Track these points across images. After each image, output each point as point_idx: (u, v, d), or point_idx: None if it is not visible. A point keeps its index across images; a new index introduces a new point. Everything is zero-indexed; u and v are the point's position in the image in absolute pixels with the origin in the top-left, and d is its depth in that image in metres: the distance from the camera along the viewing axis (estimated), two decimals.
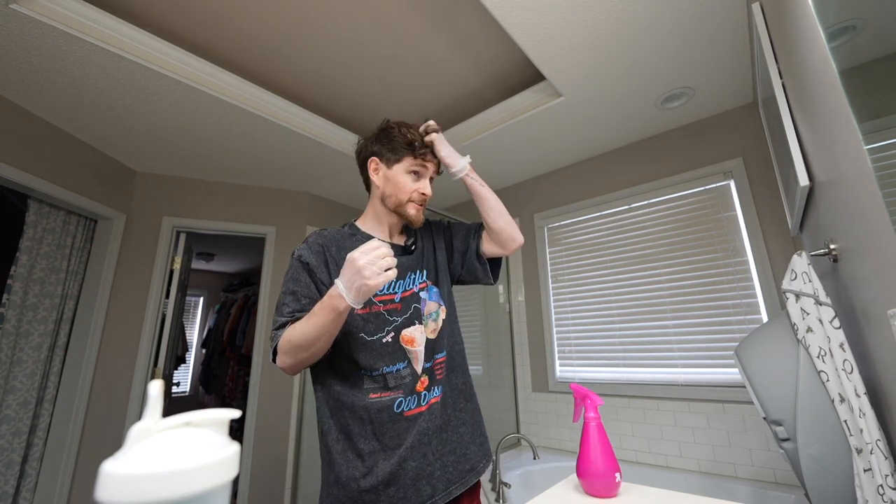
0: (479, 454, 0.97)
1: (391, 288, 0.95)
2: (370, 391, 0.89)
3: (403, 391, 0.89)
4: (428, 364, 0.94)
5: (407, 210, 0.98)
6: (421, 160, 0.98)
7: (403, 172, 0.98)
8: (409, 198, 0.97)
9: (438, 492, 0.87)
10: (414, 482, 0.86)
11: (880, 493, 0.65)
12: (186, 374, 4.90)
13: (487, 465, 0.99)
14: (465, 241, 1.09)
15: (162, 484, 0.23)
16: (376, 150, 1.00)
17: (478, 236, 1.08)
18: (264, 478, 2.35)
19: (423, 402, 0.91)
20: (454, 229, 1.12)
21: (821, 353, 0.77)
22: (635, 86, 1.77)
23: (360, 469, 0.86)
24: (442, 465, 0.89)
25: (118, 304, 2.22)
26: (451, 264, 1.10)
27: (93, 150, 2.13)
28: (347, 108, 2.08)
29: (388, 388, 0.89)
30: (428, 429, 0.90)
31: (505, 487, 1.78)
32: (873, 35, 0.59)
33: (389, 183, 0.98)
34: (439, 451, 0.90)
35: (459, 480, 0.91)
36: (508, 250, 1.07)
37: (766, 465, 1.62)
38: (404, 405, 0.89)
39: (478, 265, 1.08)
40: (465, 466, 0.93)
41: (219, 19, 1.53)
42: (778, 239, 1.75)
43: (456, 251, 1.10)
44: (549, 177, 2.61)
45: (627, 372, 2.07)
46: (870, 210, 0.63)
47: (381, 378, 0.89)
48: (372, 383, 0.89)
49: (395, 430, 0.88)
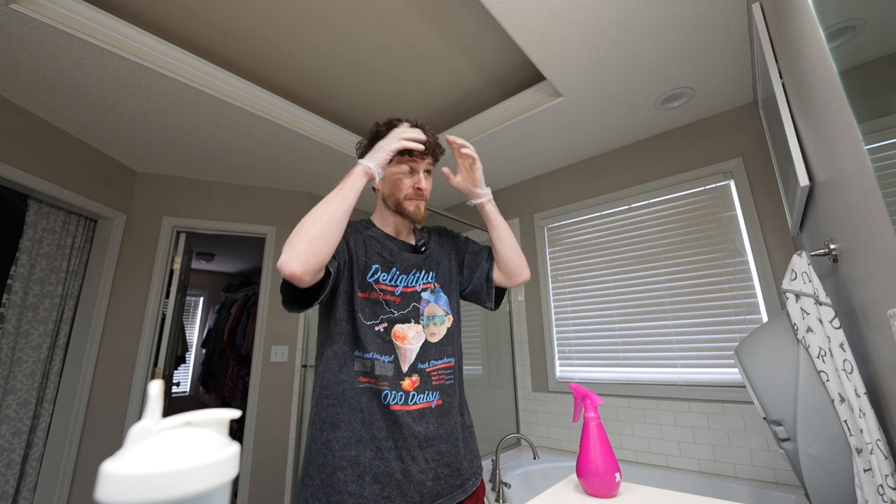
0: (470, 471, 0.95)
1: (394, 280, 0.96)
2: (360, 374, 0.89)
3: (388, 384, 0.89)
4: (423, 366, 0.93)
5: (406, 207, 0.98)
6: (408, 155, 0.97)
7: (396, 170, 0.98)
8: (405, 194, 0.98)
9: (426, 502, 0.85)
10: (400, 485, 0.84)
11: (880, 493, 0.65)
12: (186, 374, 4.90)
13: (476, 483, 0.96)
14: (477, 259, 1.11)
15: (162, 484, 0.23)
16: None
17: (491, 259, 1.09)
18: (264, 478, 2.35)
19: (410, 401, 0.89)
20: (469, 246, 1.14)
21: (821, 353, 0.77)
22: (635, 86, 1.77)
23: (347, 458, 0.84)
24: (435, 476, 0.88)
25: (118, 304, 2.23)
26: (459, 277, 1.10)
27: (93, 150, 2.13)
28: (347, 107, 2.08)
29: (374, 376, 0.89)
30: (420, 433, 0.88)
31: (505, 487, 1.78)
32: (873, 35, 0.59)
33: (386, 184, 1.00)
34: (435, 462, 0.88)
35: (448, 495, 0.88)
36: (513, 283, 1.08)
37: (766, 465, 1.62)
38: (390, 398, 0.88)
39: (484, 287, 1.08)
40: (455, 482, 0.91)
41: (219, 19, 1.53)
42: (778, 239, 1.75)
43: (466, 267, 1.11)
44: (549, 177, 2.61)
45: (627, 372, 2.07)
46: (870, 210, 0.63)
47: (370, 363, 0.89)
48: (361, 366, 0.89)
49: (383, 422, 0.87)
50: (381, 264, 0.96)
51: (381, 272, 0.95)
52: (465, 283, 1.10)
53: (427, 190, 1.00)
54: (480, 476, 0.99)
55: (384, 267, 0.96)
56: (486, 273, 1.08)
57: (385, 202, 1.02)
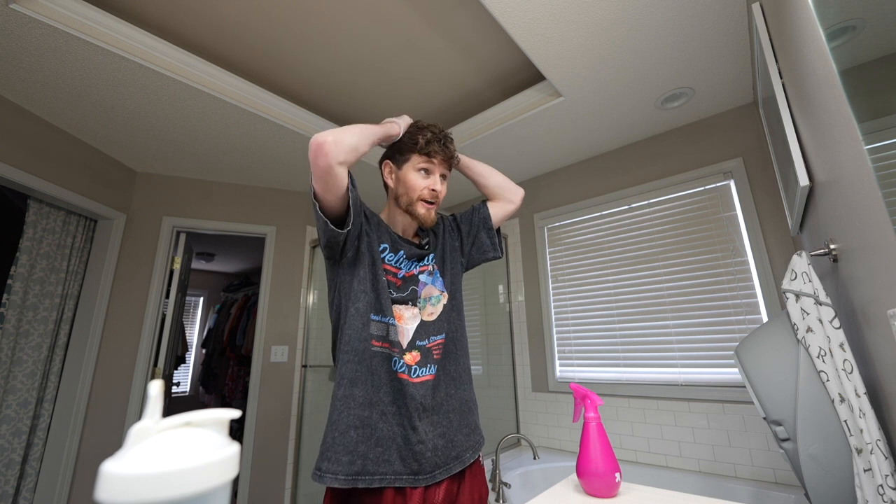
0: (466, 444, 0.98)
1: (398, 263, 1.01)
2: (373, 337, 0.93)
3: (398, 350, 0.94)
4: (423, 342, 0.98)
5: (417, 209, 1.02)
6: (426, 157, 1.02)
7: (412, 171, 1.02)
8: (418, 195, 1.01)
9: (424, 472, 0.89)
10: (400, 450, 0.88)
11: (880, 493, 0.65)
12: (186, 374, 4.90)
13: (473, 456, 0.99)
14: (470, 216, 1.18)
15: (162, 484, 0.23)
16: (388, 153, 1.07)
17: (483, 208, 1.17)
18: (264, 478, 2.35)
19: (413, 374, 0.94)
20: (461, 215, 1.20)
21: (821, 353, 0.77)
22: (635, 85, 1.77)
23: (360, 417, 0.88)
24: (433, 447, 0.91)
25: (118, 304, 2.23)
26: (462, 246, 1.15)
27: (93, 149, 2.13)
28: (347, 107, 2.08)
29: (389, 341, 0.93)
30: (422, 405, 0.92)
31: (505, 487, 1.78)
32: (873, 35, 0.59)
33: (401, 183, 1.03)
34: (432, 433, 0.92)
35: (444, 465, 0.92)
36: (516, 201, 1.18)
37: (766, 465, 1.62)
38: (398, 366, 0.92)
39: (485, 238, 1.15)
40: (451, 453, 0.94)
41: (219, 19, 1.53)
42: (778, 239, 1.75)
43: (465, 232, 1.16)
44: (549, 177, 2.61)
45: (627, 372, 2.07)
46: (870, 210, 0.63)
47: (386, 327, 0.94)
48: (377, 329, 0.93)
49: (389, 387, 0.91)
50: (390, 245, 1.01)
51: (389, 252, 1.01)
52: (468, 247, 1.16)
53: (441, 193, 1.04)
54: (479, 450, 1.02)
55: (392, 248, 1.01)
56: (485, 220, 1.16)
57: (397, 201, 1.05)
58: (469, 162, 1.17)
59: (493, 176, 1.17)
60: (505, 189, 1.17)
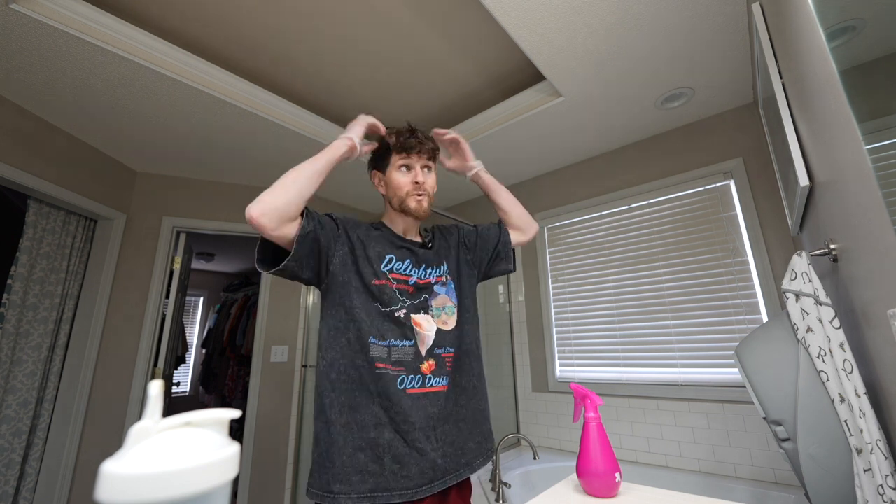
0: (476, 452, 1.00)
1: (408, 270, 1.01)
2: (376, 360, 0.92)
3: (405, 369, 0.93)
4: (439, 351, 0.99)
5: (408, 204, 1.03)
6: (405, 154, 1.03)
7: (394, 171, 1.04)
8: (406, 191, 1.03)
9: (437, 478, 0.90)
10: (418, 463, 0.89)
11: (880, 493, 0.65)
12: (186, 374, 4.90)
13: (484, 463, 1.02)
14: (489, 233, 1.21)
15: (162, 484, 0.23)
16: (372, 163, 1.10)
17: (506, 234, 1.21)
18: (264, 478, 2.35)
19: (426, 384, 0.95)
20: (479, 229, 1.22)
21: (821, 353, 0.77)
22: (635, 86, 1.77)
23: (366, 439, 0.88)
24: (444, 454, 0.93)
25: (118, 304, 2.23)
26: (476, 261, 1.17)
27: (93, 149, 2.13)
28: (347, 108, 2.08)
29: (392, 362, 0.93)
30: (433, 414, 0.93)
31: (505, 487, 1.78)
32: (873, 35, 0.59)
33: (389, 186, 1.06)
34: (442, 441, 0.94)
35: (454, 471, 0.94)
36: (530, 234, 1.23)
37: (766, 465, 1.62)
38: (406, 383, 0.92)
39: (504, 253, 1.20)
40: (461, 460, 0.96)
41: (219, 19, 1.53)
42: (778, 239, 1.75)
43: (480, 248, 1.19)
44: (549, 177, 2.61)
45: (627, 372, 2.07)
46: (870, 210, 0.63)
47: (387, 350, 0.93)
48: (378, 353, 0.93)
49: (401, 406, 0.91)
50: (396, 255, 1.02)
51: (396, 261, 1.01)
52: (483, 259, 1.18)
53: (427, 185, 1.04)
54: (490, 457, 1.05)
55: (399, 257, 1.02)
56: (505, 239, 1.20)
57: (391, 204, 1.07)
58: (491, 183, 1.19)
59: (516, 206, 1.21)
60: (525, 222, 1.22)
